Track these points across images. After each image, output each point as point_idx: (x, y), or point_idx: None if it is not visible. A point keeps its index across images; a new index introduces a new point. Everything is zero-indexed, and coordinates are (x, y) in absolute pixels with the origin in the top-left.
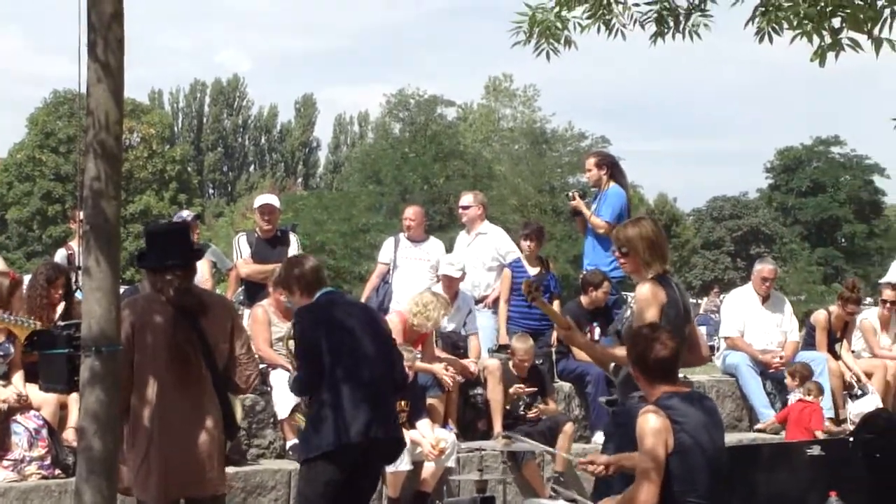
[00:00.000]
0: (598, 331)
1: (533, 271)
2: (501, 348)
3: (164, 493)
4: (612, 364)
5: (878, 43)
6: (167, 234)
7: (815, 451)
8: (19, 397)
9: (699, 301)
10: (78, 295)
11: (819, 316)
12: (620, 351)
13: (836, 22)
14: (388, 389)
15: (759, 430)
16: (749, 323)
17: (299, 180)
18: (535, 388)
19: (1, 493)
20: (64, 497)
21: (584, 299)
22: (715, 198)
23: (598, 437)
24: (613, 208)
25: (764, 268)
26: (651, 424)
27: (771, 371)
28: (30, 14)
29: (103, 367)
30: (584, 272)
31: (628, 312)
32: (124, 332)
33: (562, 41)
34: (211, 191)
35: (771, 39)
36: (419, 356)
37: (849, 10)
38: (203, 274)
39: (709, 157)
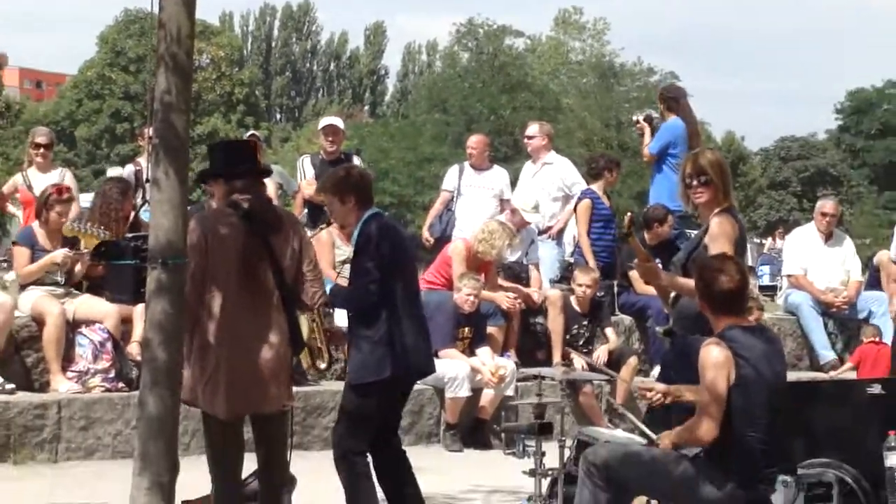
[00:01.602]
0: (660, 267)
1: (607, 202)
2: (563, 279)
3: (231, 408)
4: (672, 295)
5: None
6: (235, 146)
7: (876, 389)
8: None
9: (763, 241)
10: (143, 215)
11: (883, 257)
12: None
13: None
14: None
15: (825, 370)
16: (812, 261)
17: (366, 108)
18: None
19: (65, 403)
20: (127, 409)
21: (647, 235)
22: (783, 138)
23: (658, 371)
24: (660, 140)
25: (825, 204)
26: (713, 357)
27: (833, 311)
28: None
29: (169, 278)
30: (647, 208)
31: (693, 245)
32: (196, 244)
33: None
34: (278, 115)
35: None
36: (484, 284)
37: None
38: (270, 194)
39: (779, 96)
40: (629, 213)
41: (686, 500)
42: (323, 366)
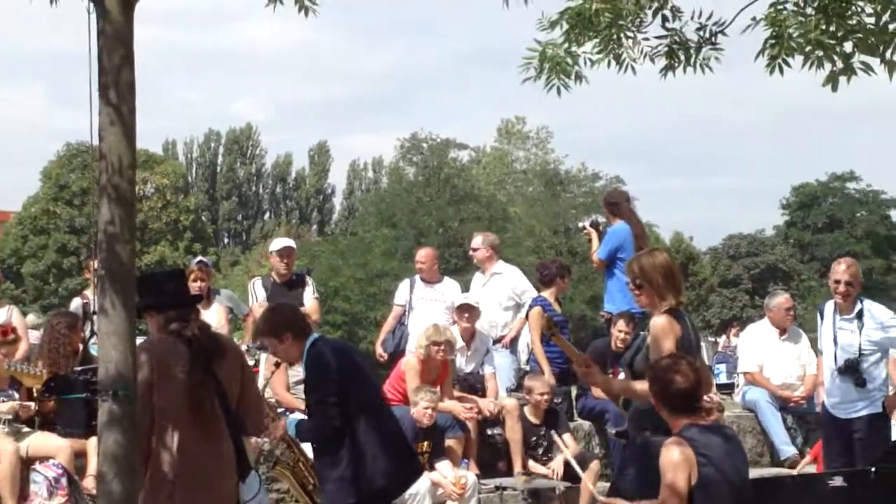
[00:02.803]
0: (622, 374)
1: (559, 309)
2: (520, 388)
3: None
4: (622, 398)
5: (890, 66)
6: (163, 276)
7: (838, 482)
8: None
9: (717, 339)
10: (91, 349)
11: None
12: (639, 385)
13: (848, 47)
14: (403, 435)
15: (789, 467)
16: (767, 357)
17: (314, 227)
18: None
19: None
20: None
21: (613, 342)
22: (731, 235)
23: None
24: (607, 245)
25: (783, 299)
26: (674, 458)
27: (791, 406)
28: (47, 70)
29: (121, 410)
30: (605, 313)
31: (639, 344)
32: (144, 375)
33: (572, 77)
34: (226, 240)
35: (782, 70)
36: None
37: (860, 35)
38: (220, 319)
39: (724, 194)
40: (544, 316)
41: None
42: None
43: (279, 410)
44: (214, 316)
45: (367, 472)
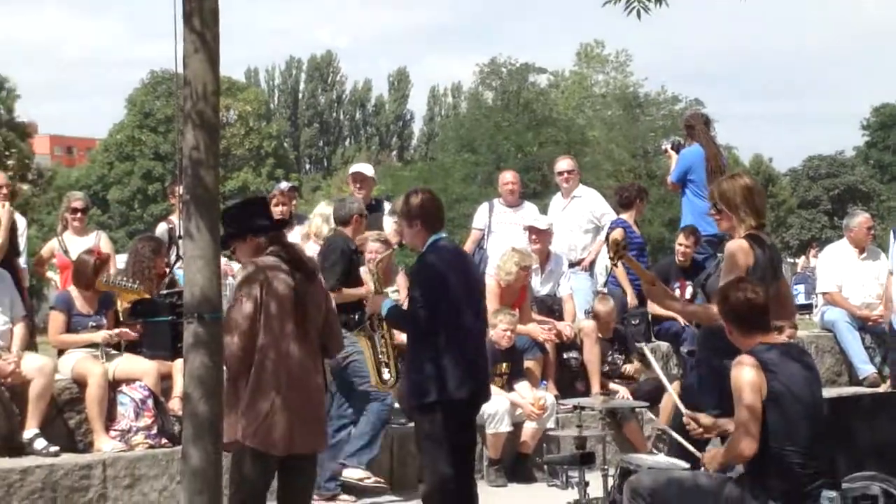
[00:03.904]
0: (689, 289)
1: (637, 231)
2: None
3: (289, 445)
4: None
5: None
6: (251, 203)
7: None
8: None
9: (796, 261)
10: (176, 273)
11: None
12: (704, 307)
13: None
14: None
15: (868, 386)
16: (846, 277)
17: (394, 153)
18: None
19: (110, 462)
20: (171, 465)
21: (677, 257)
22: (811, 157)
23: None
24: (678, 168)
25: (864, 218)
26: (745, 377)
27: (870, 325)
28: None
29: (207, 332)
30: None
31: (713, 268)
32: (253, 290)
33: None
34: (307, 166)
35: None
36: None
37: None
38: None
39: (804, 116)
40: (614, 238)
41: None
42: (388, 377)
43: None
44: (297, 241)
45: (425, 383)
